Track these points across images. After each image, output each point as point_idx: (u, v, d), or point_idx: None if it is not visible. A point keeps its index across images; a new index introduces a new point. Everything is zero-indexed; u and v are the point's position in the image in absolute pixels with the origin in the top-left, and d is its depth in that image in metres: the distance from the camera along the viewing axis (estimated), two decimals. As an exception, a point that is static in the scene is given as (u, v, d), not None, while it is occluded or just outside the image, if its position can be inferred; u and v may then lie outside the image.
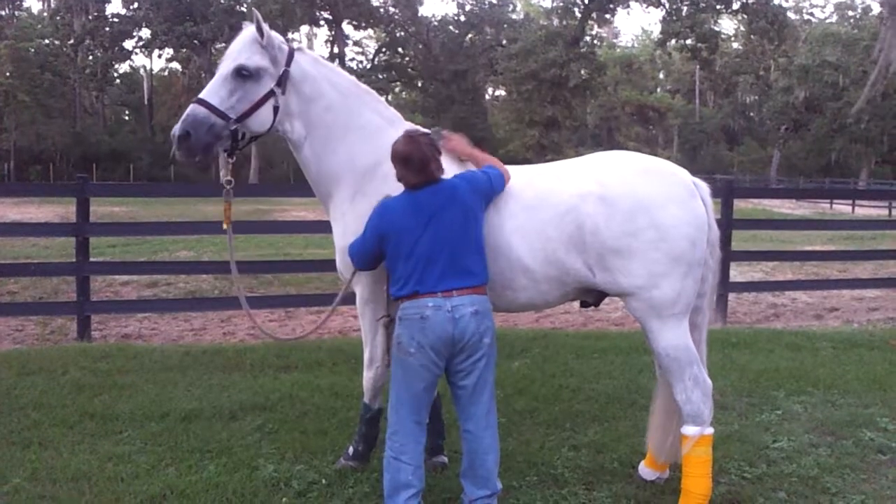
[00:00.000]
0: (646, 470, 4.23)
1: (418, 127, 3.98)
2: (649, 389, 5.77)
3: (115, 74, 64.21)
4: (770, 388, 5.86)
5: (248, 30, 3.75)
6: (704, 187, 3.78)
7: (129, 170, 51.52)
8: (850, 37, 54.11)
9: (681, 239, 3.55)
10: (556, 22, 52.33)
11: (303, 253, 14.39)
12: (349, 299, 4.41)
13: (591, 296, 3.90)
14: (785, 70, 56.82)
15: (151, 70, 65.77)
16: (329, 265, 8.19)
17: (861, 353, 7.13)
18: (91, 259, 7.90)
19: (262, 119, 3.75)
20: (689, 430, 3.63)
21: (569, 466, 4.38)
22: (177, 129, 3.56)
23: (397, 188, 3.66)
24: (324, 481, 4.13)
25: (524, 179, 3.81)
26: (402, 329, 3.48)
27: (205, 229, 10.76)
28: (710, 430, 3.64)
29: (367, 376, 4.20)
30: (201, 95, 3.62)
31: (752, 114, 70.25)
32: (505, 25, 60.03)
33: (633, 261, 3.56)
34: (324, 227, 5.54)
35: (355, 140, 3.96)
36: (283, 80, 3.75)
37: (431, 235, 3.43)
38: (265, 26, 3.70)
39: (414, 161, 3.47)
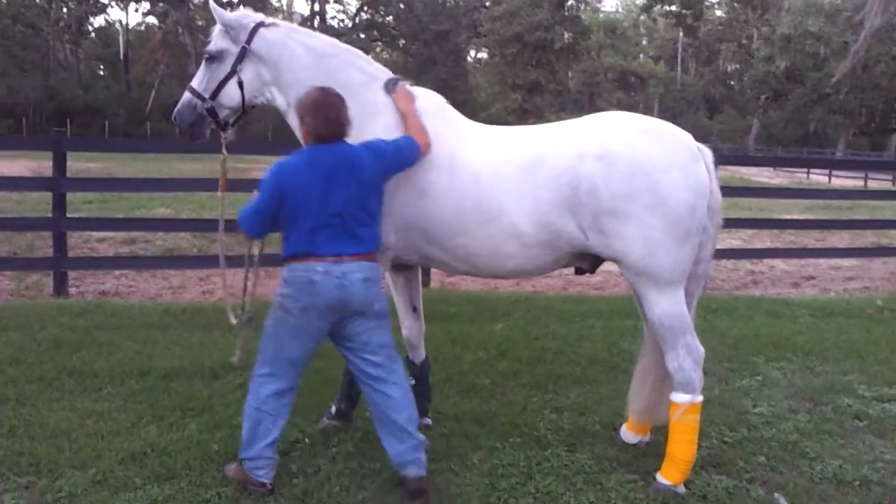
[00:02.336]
0: (627, 433, 4.25)
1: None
2: (630, 352, 5.83)
3: (90, 28, 62.82)
4: (750, 355, 5.92)
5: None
6: (708, 152, 3.68)
7: (105, 125, 50.59)
8: (832, 7, 54.02)
9: (680, 205, 3.45)
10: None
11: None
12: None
13: (586, 261, 3.82)
14: (767, 39, 56.79)
15: (127, 25, 64.40)
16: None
17: (839, 322, 7.22)
18: (68, 215, 7.76)
19: (230, 94, 3.94)
20: (680, 397, 3.62)
21: (551, 428, 4.41)
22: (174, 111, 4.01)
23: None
24: (307, 440, 4.13)
25: (520, 139, 3.75)
26: (288, 290, 3.45)
27: (185, 186, 10.59)
28: (699, 398, 3.64)
29: None
30: (191, 83, 4.00)
31: (732, 82, 70.28)
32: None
33: (629, 224, 3.46)
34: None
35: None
36: (241, 56, 3.90)
37: (324, 197, 3.39)
38: (218, 12, 3.92)
39: (322, 109, 3.45)
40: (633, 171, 3.45)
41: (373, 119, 3.91)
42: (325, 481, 3.69)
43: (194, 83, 3.96)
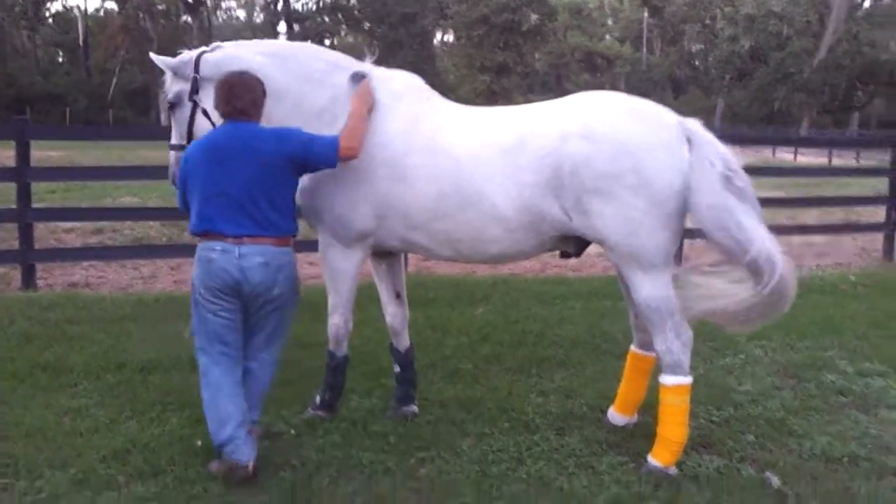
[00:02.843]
0: (615, 415, 4.24)
1: (365, 65, 3.98)
2: (611, 334, 5.84)
3: (48, 14, 61.34)
4: (731, 333, 5.93)
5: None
6: (690, 122, 3.55)
7: (65, 113, 49.52)
8: (795, -13, 54.56)
9: (664, 186, 3.38)
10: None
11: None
12: (314, 245, 4.32)
13: (571, 245, 3.77)
14: (731, 19, 57.11)
15: (86, 10, 63.00)
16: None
17: (814, 298, 7.27)
18: (33, 205, 7.54)
19: (202, 127, 3.84)
20: (669, 379, 3.59)
21: (539, 412, 4.37)
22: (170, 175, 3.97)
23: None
24: (292, 431, 4.05)
25: (502, 121, 3.68)
26: (195, 270, 3.53)
27: (151, 174, 10.31)
28: (688, 380, 3.61)
29: (331, 323, 4.13)
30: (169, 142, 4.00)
31: (697, 63, 70.67)
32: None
33: (612, 205, 3.40)
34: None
35: (299, 91, 3.90)
36: (195, 88, 3.86)
37: (221, 177, 3.44)
38: (162, 60, 3.90)
39: (226, 88, 3.52)
40: (617, 151, 3.40)
41: (341, 102, 3.87)
42: (313, 473, 3.62)
43: (173, 140, 3.95)
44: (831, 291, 7.64)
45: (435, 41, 65.59)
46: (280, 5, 60.50)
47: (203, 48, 3.99)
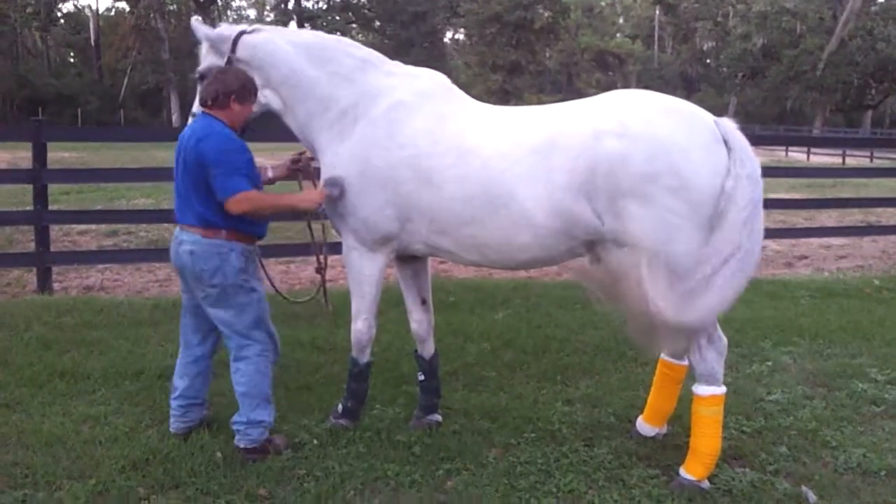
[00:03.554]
0: (644, 426, 4.13)
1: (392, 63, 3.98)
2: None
3: (59, 14, 61.50)
4: (757, 339, 5.83)
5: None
6: (725, 122, 3.40)
7: (77, 114, 49.66)
8: (808, -17, 54.18)
9: (703, 188, 3.24)
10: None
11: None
12: (335, 248, 4.32)
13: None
14: (743, 17, 56.73)
15: (97, 10, 63.11)
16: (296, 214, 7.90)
17: (840, 302, 7.16)
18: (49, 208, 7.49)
19: None
20: (703, 389, 3.48)
21: (565, 422, 4.28)
22: None
23: (380, 129, 3.70)
24: (315, 441, 3.96)
25: (532, 120, 3.57)
26: None
27: (168, 176, 10.26)
28: (722, 390, 3.51)
29: (355, 329, 4.04)
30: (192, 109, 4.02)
31: (709, 61, 70.32)
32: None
33: (648, 207, 3.25)
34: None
35: (326, 86, 3.85)
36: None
37: (175, 168, 3.70)
38: (202, 30, 3.90)
39: (205, 80, 3.77)
40: (654, 151, 3.25)
41: (372, 103, 3.79)
42: (337, 485, 3.54)
43: (195, 108, 3.94)
44: (856, 295, 7.50)
45: (446, 39, 65.47)
46: (291, 4, 60.50)
47: (244, 27, 3.96)
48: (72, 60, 65.43)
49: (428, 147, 3.63)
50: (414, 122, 3.69)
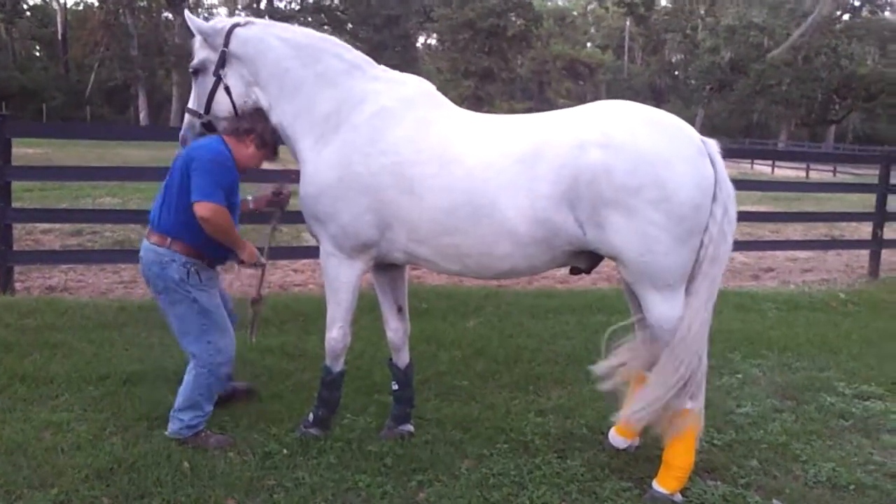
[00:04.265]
0: (616, 437, 4.12)
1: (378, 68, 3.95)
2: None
3: (26, 6, 60.34)
4: (726, 351, 5.86)
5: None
6: (712, 143, 3.45)
7: (42, 108, 48.73)
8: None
9: (685, 201, 3.24)
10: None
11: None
12: (299, 252, 4.32)
13: (583, 260, 3.62)
14: (712, 30, 57.57)
15: (66, 3, 61.98)
16: (264, 217, 7.81)
17: (806, 315, 7.26)
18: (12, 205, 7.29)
19: (220, 103, 3.90)
20: (687, 404, 3.49)
21: (538, 433, 4.26)
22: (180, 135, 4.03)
23: (362, 135, 3.65)
24: (284, 451, 3.88)
25: (516, 130, 3.54)
26: None
27: (137, 175, 10.03)
28: (699, 405, 3.53)
29: (329, 337, 3.96)
30: (188, 105, 4.01)
31: (677, 72, 71.14)
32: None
33: (630, 219, 3.25)
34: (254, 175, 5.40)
35: (312, 88, 3.81)
36: (222, 61, 3.85)
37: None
38: (194, 22, 3.87)
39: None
40: (637, 162, 3.25)
41: (355, 108, 3.74)
42: (307, 496, 3.49)
43: (190, 103, 3.97)
44: (822, 308, 7.61)
45: (418, 44, 65.45)
46: (263, 4, 60.01)
47: (236, 20, 3.91)
48: (37, 54, 64.17)
49: (411, 155, 3.58)
50: (397, 128, 3.64)
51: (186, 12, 3.99)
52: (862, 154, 21.69)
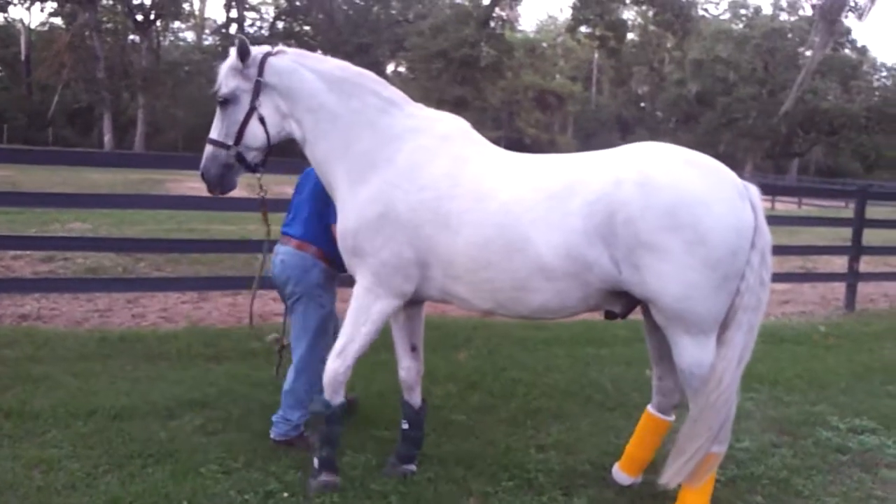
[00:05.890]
0: (620, 474, 4.09)
1: (414, 105, 3.88)
2: (600, 384, 5.75)
3: (-12, 26, 59.53)
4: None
5: (230, 58, 3.76)
6: (754, 189, 3.42)
7: (3, 130, 47.88)
8: (741, 35, 56.41)
9: (722, 245, 3.19)
10: (465, 1, 52.13)
11: (209, 229, 13.59)
12: (268, 283, 4.47)
13: (618, 304, 3.54)
14: (679, 63, 58.80)
15: (30, 25, 61.20)
16: (242, 246, 7.74)
17: (791, 349, 7.32)
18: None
19: (254, 133, 3.77)
20: (715, 448, 3.46)
21: (541, 470, 4.21)
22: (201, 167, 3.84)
23: (401, 172, 3.63)
24: (286, 493, 3.77)
25: (551, 167, 3.52)
26: None
27: (106, 202, 9.79)
28: (723, 448, 3.54)
29: (330, 368, 3.73)
30: (209, 135, 3.83)
31: (644, 104, 72.35)
32: (413, 1, 59.39)
33: (666, 261, 3.19)
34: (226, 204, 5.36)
35: (348, 125, 3.73)
36: (257, 91, 3.73)
37: (298, 191, 4.44)
38: (250, 48, 3.72)
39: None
40: (675, 202, 3.19)
41: (392, 144, 3.68)
42: (313, 538, 3.38)
43: (213, 134, 3.78)
44: (805, 342, 7.68)
45: (388, 72, 65.79)
46: (233, 28, 59.92)
47: (267, 48, 3.80)
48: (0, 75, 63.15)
49: (448, 190, 3.54)
50: (435, 165, 3.60)
51: (241, 37, 3.80)
52: (843, 189, 22.10)
